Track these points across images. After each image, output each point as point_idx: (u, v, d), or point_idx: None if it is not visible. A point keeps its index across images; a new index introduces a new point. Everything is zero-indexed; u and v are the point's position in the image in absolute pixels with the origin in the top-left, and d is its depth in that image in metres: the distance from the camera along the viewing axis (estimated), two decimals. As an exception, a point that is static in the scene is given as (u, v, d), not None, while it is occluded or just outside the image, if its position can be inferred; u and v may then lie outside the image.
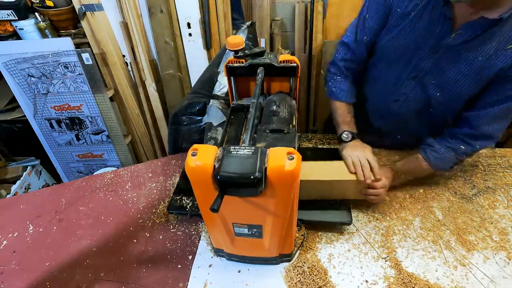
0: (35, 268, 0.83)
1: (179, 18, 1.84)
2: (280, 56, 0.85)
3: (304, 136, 1.21)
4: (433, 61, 0.85)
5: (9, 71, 1.78)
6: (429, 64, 0.86)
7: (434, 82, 0.88)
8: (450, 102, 0.89)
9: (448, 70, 0.84)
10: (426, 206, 0.91)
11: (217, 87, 1.25)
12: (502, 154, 1.10)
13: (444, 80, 0.86)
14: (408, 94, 0.94)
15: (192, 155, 0.53)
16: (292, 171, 0.51)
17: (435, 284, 0.72)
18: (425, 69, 0.88)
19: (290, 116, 0.77)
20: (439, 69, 0.85)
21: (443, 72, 0.85)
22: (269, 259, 0.77)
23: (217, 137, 1.05)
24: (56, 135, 2.07)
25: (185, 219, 0.92)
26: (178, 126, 1.22)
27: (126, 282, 0.77)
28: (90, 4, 1.72)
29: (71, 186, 1.08)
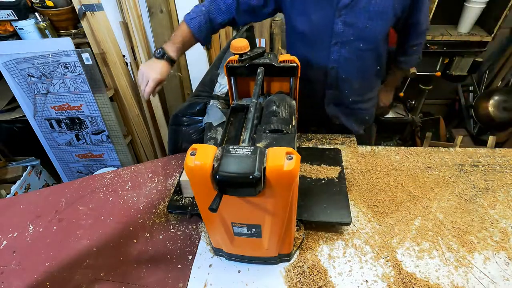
0: (35, 268, 0.83)
1: (179, 18, 1.85)
2: (280, 56, 0.85)
3: (304, 136, 1.21)
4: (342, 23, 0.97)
5: (9, 71, 1.78)
6: (340, 26, 0.98)
7: (353, 38, 1.00)
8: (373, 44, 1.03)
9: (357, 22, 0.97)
10: (426, 206, 0.91)
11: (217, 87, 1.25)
12: (502, 154, 1.10)
13: (359, 31, 0.98)
14: (338, 58, 1.05)
15: (191, 154, 0.53)
16: (291, 171, 0.51)
17: (435, 284, 0.72)
18: (340, 32, 0.99)
19: (290, 116, 0.76)
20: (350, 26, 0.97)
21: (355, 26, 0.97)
22: (268, 259, 0.77)
23: (217, 137, 1.05)
24: (56, 135, 2.07)
25: (185, 219, 0.92)
26: (178, 127, 1.22)
27: (126, 282, 0.77)
28: (90, 4, 1.72)
29: (71, 186, 1.08)
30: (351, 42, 1.01)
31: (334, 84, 1.13)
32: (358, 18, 0.96)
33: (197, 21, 1.02)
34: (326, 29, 1.00)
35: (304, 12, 1.00)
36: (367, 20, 0.96)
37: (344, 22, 0.97)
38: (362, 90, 1.18)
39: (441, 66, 2.09)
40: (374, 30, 0.99)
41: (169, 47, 1.01)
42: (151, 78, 0.96)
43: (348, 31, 0.99)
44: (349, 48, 1.03)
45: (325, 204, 0.86)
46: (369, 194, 0.95)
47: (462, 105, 2.45)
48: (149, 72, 0.97)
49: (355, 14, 0.95)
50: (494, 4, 1.85)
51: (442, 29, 2.00)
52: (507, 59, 2.23)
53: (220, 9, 1.04)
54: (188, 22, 1.02)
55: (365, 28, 0.97)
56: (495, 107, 2.22)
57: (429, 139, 2.18)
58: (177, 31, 1.04)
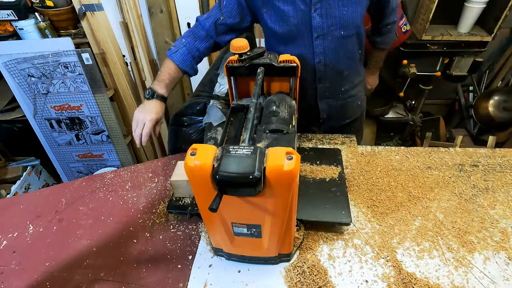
0: (35, 268, 0.83)
1: (179, 18, 1.85)
2: (280, 56, 0.85)
3: (304, 136, 1.21)
4: (320, 16, 0.99)
5: (9, 71, 1.78)
6: (318, 19, 1.00)
7: (333, 28, 1.02)
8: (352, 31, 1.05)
9: (334, 12, 0.99)
10: (426, 206, 0.91)
11: (217, 87, 1.25)
12: (502, 154, 1.10)
13: (338, 20, 1.00)
14: (323, 51, 1.07)
15: (191, 154, 0.53)
16: (291, 171, 0.51)
17: (435, 284, 0.72)
18: (320, 25, 1.01)
19: (290, 116, 0.77)
20: (327, 17, 0.99)
21: (332, 16, 0.99)
22: (268, 258, 0.77)
23: (217, 137, 1.05)
24: (56, 135, 2.07)
25: (185, 219, 0.92)
26: (178, 127, 1.23)
27: (126, 282, 0.77)
28: (90, 4, 1.72)
29: (71, 186, 1.08)
30: (332, 32, 1.03)
31: (324, 78, 1.14)
32: (332, 7, 0.98)
33: (179, 54, 1.03)
34: (306, 26, 1.02)
35: (281, 17, 1.02)
36: (342, 7, 0.98)
37: (321, 14, 0.99)
38: (351, 76, 1.20)
39: (441, 66, 2.09)
40: (351, 16, 1.01)
41: (157, 86, 1.01)
42: (147, 120, 0.96)
43: (327, 22, 1.01)
44: (332, 38, 1.05)
45: (325, 204, 0.86)
46: (369, 194, 0.95)
47: (462, 105, 2.45)
48: (144, 115, 0.97)
49: (329, 5, 0.98)
50: (494, 4, 1.85)
51: (442, 29, 2.00)
52: (507, 59, 2.23)
53: (200, 37, 1.05)
54: (171, 57, 1.03)
55: (342, 15, 1.00)
56: (495, 107, 2.22)
57: (429, 139, 2.18)
58: (162, 68, 1.04)
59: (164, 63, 1.05)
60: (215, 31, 1.05)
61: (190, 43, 1.04)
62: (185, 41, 1.04)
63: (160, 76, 1.03)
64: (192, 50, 1.04)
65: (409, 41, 1.96)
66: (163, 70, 1.03)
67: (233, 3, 1.04)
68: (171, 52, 1.03)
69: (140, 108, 0.99)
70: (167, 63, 1.03)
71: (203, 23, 1.05)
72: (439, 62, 2.07)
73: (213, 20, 1.04)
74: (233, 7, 1.03)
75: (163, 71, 1.03)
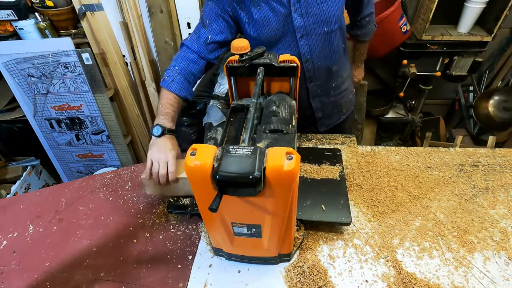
0: (35, 268, 0.83)
1: (179, 18, 1.85)
2: (280, 56, 0.85)
3: (304, 136, 1.21)
4: (300, 15, 1.00)
5: (9, 71, 1.78)
6: (299, 20, 1.01)
7: (315, 25, 1.03)
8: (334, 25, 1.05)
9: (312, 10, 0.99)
10: (426, 206, 0.91)
11: (217, 87, 1.25)
12: (502, 154, 1.10)
13: (318, 17, 1.01)
14: (309, 50, 1.08)
15: (191, 154, 0.53)
16: (291, 171, 0.51)
17: (435, 284, 0.72)
18: (302, 25, 1.02)
19: (290, 116, 0.77)
20: (308, 16, 1.00)
21: (312, 14, 1.00)
22: (268, 258, 0.77)
23: (217, 137, 1.05)
24: (56, 135, 2.07)
25: (185, 219, 0.92)
26: (178, 127, 1.22)
27: (126, 282, 0.77)
28: (90, 4, 1.72)
29: (71, 186, 1.08)
30: (315, 30, 1.04)
31: (313, 76, 1.15)
32: (311, 5, 0.99)
33: (176, 82, 0.99)
34: (289, 27, 1.03)
35: (264, 24, 1.02)
36: (321, 4, 0.99)
37: (301, 14, 1.00)
38: (340, 71, 1.21)
39: (441, 66, 2.09)
40: (331, 11, 1.01)
41: (164, 121, 0.95)
42: (170, 158, 0.89)
43: (308, 21, 1.02)
44: (316, 36, 1.05)
45: (325, 204, 0.86)
46: (369, 194, 0.95)
47: (462, 105, 2.45)
48: (163, 155, 0.89)
49: (307, 3, 0.98)
50: (494, 4, 1.85)
51: (442, 29, 2.00)
52: (507, 59, 2.23)
53: (192, 61, 1.03)
54: (169, 87, 0.99)
55: (322, 11, 1.00)
56: (495, 107, 2.22)
57: (429, 139, 2.18)
58: (161, 101, 0.99)
59: (161, 95, 1.00)
60: (206, 51, 1.04)
61: (184, 69, 1.01)
62: (178, 69, 1.01)
63: (163, 110, 0.97)
64: (187, 76, 1.02)
65: (409, 41, 1.96)
66: (163, 103, 0.98)
67: (218, 21, 1.03)
68: (167, 82, 0.99)
69: (154, 148, 0.91)
70: (165, 95, 0.99)
71: (192, 46, 1.03)
72: (439, 62, 2.07)
73: (202, 41, 1.02)
74: (218, 24, 1.03)
75: (164, 104, 0.98)
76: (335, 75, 1.19)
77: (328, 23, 1.03)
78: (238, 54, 0.81)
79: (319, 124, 1.30)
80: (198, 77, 1.07)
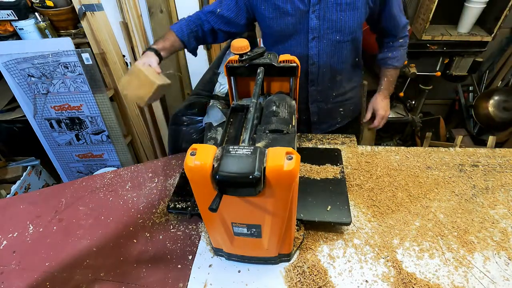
0: (35, 268, 0.83)
1: (179, 18, 1.84)
2: (280, 56, 0.85)
3: (304, 136, 1.21)
4: (317, 18, 1.01)
5: (9, 71, 1.78)
6: (315, 21, 1.02)
7: (329, 31, 1.04)
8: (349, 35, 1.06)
9: (331, 15, 1.01)
10: (426, 206, 0.91)
11: (217, 87, 1.25)
12: (502, 154, 1.10)
13: (334, 24, 1.02)
14: (317, 53, 1.09)
15: (191, 154, 0.53)
16: (291, 171, 0.51)
17: (435, 284, 0.72)
18: (316, 27, 1.03)
19: (290, 116, 0.77)
20: (324, 20, 1.01)
21: (329, 19, 1.01)
22: (268, 258, 0.77)
23: (217, 137, 1.05)
24: (56, 135, 2.07)
25: (185, 219, 0.92)
26: (178, 126, 1.22)
27: (126, 282, 0.77)
28: (90, 4, 1.72)
29: (71, 186, 1.08)
30: (327, 35, 1.05)
31: (316, 81, 1.15)
32: (330, 11, 1.00)
33: (178, 25, 1.10)
34: (303, 26, 1.04)
35: (280, 14, 1.04)
36: (339, 12, 1.00)
37: (318, 16, 1.01)
38: (344, 82, 1.21)
39: (441, 66, 2.09)
40: (347, 21, 1.02)
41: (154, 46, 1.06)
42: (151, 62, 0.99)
43: (323, 25, 1.03)
44: (327, 41, 1.06)
45: (325, 204, 0.86)
46: (369, 194, 0.95)
47: (462, 105, 2.45)
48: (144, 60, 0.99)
49: (327, 8, 1.00)
50: (494, 4, 1.85)
51: (442, 29, 2.00)
52: (507, 59, 2.23)
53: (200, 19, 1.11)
54: (171, 27, 1.10)
55: (339, 20, 1.01)
56: (495, 107, 2.22)
57: (429, 139, 2.18)
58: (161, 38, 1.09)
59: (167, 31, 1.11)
60: (213, 18, 1.10)
61: (191, 20, 1.11)
62: (186, 18, 1.11)
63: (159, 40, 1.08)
64: (191, 25, 1.10)
65: (409, 41, 1.95)
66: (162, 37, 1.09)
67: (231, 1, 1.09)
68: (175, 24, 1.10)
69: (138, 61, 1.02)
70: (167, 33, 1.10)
71: (204, 9, 1.12)
72: (439, 62, 2.07)
73: (212, 9, 1.10)
74: (231, 2, 1.09)
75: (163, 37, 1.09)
76: (338, 84, 1.19)
77: (342, 32, 1.04)
78: (238, 54, 0.81)
79: (313, 128, 1.30)
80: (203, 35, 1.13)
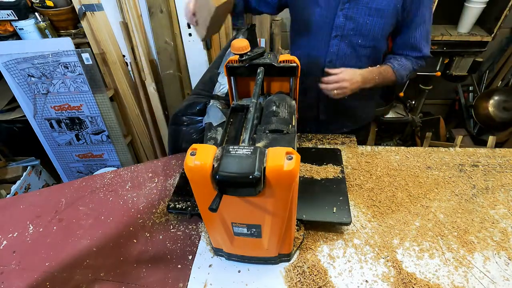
0: (35, 268, 0.83)
1: (179, 18, 1.85)
2: (280, 56, 0.85)
3: (304, 136, 1.21)
4: (344, 16, 1.01)
5: (9, 71, 1.78)
6: (341, 19, 1.02)
7: (353, 33, 1.03)
8: (370, 42, 1.05)
9: (358, 17, 1.00)
10: (426, 206, 0.91)
11: (217, 87, 1.25)
12: (502, 154, 1.10)
13: (359, 27, 1.01)
14: (336, 52, 1.08)
15: (191, 154, 0.53)
16: (291, 171, 0.51)
17: (435, 284, 0.72)
18: (341, 25, 1.02)
19: (290, 116, 0.76)
20: (350, 20, 1.01)
21: (355, 21, 1.01)
22: (268, 258, 0.77)
23: (217, 137, 1.05)
24: (56, 135, 2.07)
25: (185, 219, 0.92)
26: (178, 126, 1.22)
27: (126, 282, 0.77)
28: (90, 4, 1.72)
29: (71, 186, 1.08)
30: (350, 37, 1.04)
31: None
32: (358, 13, 0.99)
33: None
34: (329, 21, 1.04)
35: (310, 4, 1.03)
36: (367, 16, 0.99)
37: (346, 15, 1.01)
38: None
39: (441, 66, 2.09)
40: (373, 27, 1.01)
41: None
42: None
43: (349, 25, 1.02)
44: (348, 42, 1.05)
45: (325, 204, 0.86)
46: (369, 194, 0.95)
47: (462, 105, 2.45)
48: None
49: (356, 9, 0.99)
50: (494, 4, 1.85)
51: (442, 29, 2.00)
52: (507, 59, 2.23)
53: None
54: None
55: (365, 24, 1.00)
56: (495, 107, 2.22)
57: (429, 139, 2.18)
58: None
59: None
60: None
61: None
62: None
63: None
64: None
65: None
66: None
67: None
68: None
69: None
70: None
71: None
72: (439, 62, 2.07)
73: None
74: None
75: None
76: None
77: (365, 37, 1.03)
78: (238, 54, 0.81)
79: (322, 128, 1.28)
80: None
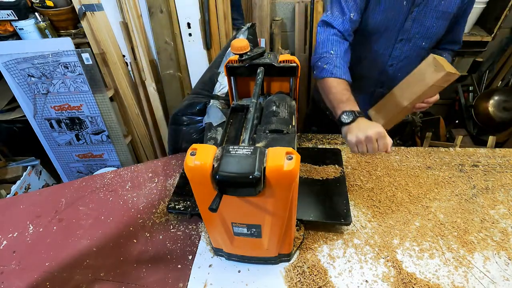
0: (35, 268, 0.83)
1: (179, 18, 1.84)
2: (280, 56, 0.85)
3: (304, 136, 1.21)
4: (412, 20, 1.00)
5: (9, 71, 1.78)
6: (409, 23, 1.01)
7: (418, 36, 1.04)
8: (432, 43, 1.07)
9: (425, 21, 1.00)
10: (426, 206, 0.91)
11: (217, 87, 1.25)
12: (502, 154, 1.10)
13: (425, 30, 1.02)
14: (399, 55, 1.08)
15: (191, 154, 0.53)
16: (291, 171, 0.51)
17: (435, 284, 0.72)
18: (408, 29, 1.02)
19: (290, 116, 0.76)
20: (418, 24, 1.01)
21: (423, 24, 1.01)
22: (268, 258, 0.77)
23: (217, 137, 1.05)
24: (56, 135, 2.07)
25: (185, 219, 0.92)
26: (178, 126, 1.22)
27: (126, 282, 0.77)
28: (90, 4, 1.72)
29: (71, 186, 1.08)
30: (415, 39, 1.04)
31: (387, 83, 1.13)
32: (427, 17, 0.99)
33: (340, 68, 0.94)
34: (397, 25, 1.02)
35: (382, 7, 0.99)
36: (434, 19, 1.00)
37: (414, 19, 1.00)
38: None
39: (441, 66, 2.08)
40: (438, 30, 1.02)
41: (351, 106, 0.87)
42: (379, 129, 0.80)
43: (415, 29, 1.02)
44: (412, 45, 1.05)
45: (325, 204, 0.86)
46: (369, 194, 0.95)
47: (462, 105, 2.45)
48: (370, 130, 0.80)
49: (425, 13, 0.99)
50: (494, 4, 1.85)
51: (442, 29, 2.00)
52: (507, 59, 2.23)
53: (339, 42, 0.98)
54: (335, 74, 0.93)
55: (431, 26, 1.01)
56: (495, 107, 2.22)
57: (429, 139, 2.18)
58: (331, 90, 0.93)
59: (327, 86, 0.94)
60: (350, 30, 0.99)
61: (340, 51, 0.96)
62: (334, 52, 0.96)
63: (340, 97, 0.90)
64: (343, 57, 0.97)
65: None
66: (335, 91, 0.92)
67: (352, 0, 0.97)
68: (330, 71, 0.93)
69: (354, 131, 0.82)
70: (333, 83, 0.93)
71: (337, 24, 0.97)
72: (439, 62, 2.06)
73: (348, 18, 0.96)
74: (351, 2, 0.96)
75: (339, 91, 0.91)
76: None
77: (429, 39, 1.04)
78: (238, 54, 0.81)
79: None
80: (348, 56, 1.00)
